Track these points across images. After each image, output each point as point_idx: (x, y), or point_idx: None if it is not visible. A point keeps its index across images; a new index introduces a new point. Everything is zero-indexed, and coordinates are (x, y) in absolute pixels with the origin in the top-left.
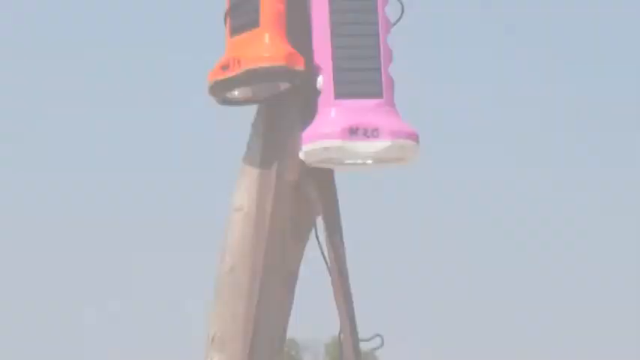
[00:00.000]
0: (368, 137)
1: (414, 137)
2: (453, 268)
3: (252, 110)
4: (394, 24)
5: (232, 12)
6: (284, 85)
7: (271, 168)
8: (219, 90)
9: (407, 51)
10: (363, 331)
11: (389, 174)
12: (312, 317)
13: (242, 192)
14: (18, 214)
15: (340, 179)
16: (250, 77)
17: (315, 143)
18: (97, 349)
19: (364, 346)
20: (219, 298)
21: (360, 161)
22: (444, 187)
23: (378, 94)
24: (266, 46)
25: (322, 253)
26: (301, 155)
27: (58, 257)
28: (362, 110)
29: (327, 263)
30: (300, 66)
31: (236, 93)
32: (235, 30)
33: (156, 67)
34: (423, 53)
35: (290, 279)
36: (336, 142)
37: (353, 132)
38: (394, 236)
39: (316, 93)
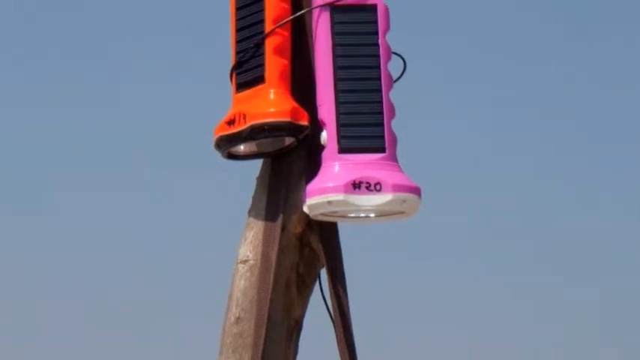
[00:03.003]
0: (371, 191)
1: (416, 191)
2: (460, 317)
3: (257, 164)
4: (396, 80)
5: (238, 68)
6: (289, 140)
7: (276, 221)
8: (225, 145)
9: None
10: None
11: (392, 226)
12: None
13: (247, 244)
14: None
15: (344, 231)
16: (255, 132)
17: (318, 197)
18: None
19: None
20: (225, 349)
21: (362, 214)
22: (451, 239)
23: (381, 149)
24: (271, 102)
25: (326, 304)
26: (305, 209)
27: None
28: (365, 165)
29: (330, 314)
30: (304, 121)
31: (241, 148)
32: (241, 86)
33: (158, 120)
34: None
35: (295, 329)
36: (340, 196)
37: (356, 186)
38: (398, 286)
39: (320, 147)
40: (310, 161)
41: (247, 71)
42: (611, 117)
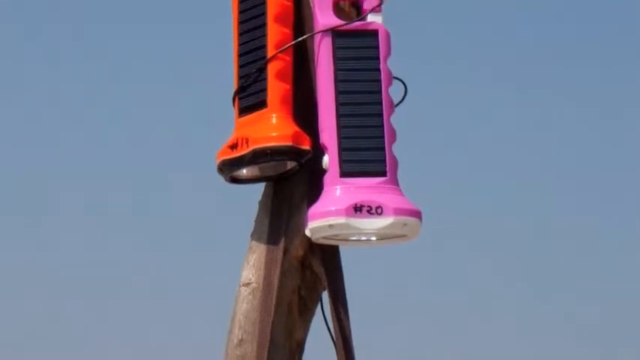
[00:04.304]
0: (372, 214)
1: (416, 215)
2: (462, 339)
3: (259, 188)
4: (397, 104)
5: (240, 93)
6: (291, 164)
7: (278, 244)
8: (228, 169)
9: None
10: None
11: (394, 249)
12: None
13: (250, 267)
14: None
15: (345, 254)
16: (258, 156)
17: (320, 220)
18: None
19: None
20: None
21: (364, 238)
22: (452, 261)
23: (382, 173)
24: (273, 126)
25: (327, 326)
26: (307, 232)
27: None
28: (366, 188)
29: (332, 336)
30: (306, 145)
31: (244, 172)
32: (243, 110)
33: (160, 148)
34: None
35: (297, 351)
36: (341, 220)
37: (357, 209)
38: (399, 308)
39: (322, 171)
40: (312, 185)
41: (250, 96)
42: (612, 139)
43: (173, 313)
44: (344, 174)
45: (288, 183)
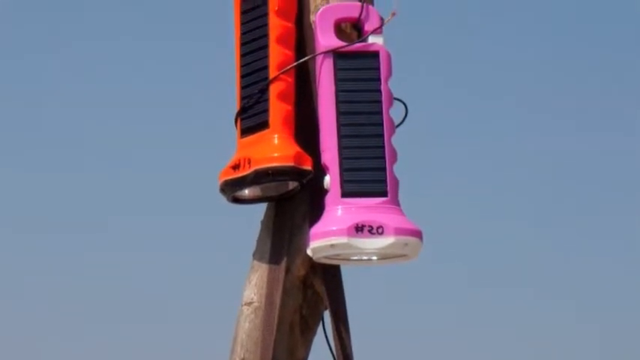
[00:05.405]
0: (373, 234)
1: (417, 234)
2: (463, 356)
3: (261, 208)
4: (398, 125)
5: (242, 114)
6: (292, 185)
7: (280, 264)
8: (230, 189)
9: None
10: None
11: (395, 269)
12: None
13: (252, 287)
14: None
15: (346, 273)
16: (260, 177)
17: (322, 240)
18: None
19: None
20: None
21: (365, 257)
22: (452, 281)
23: (383, 194)
24: (275, 147)
25: (329, 346)
26: (309, 252)
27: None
28: (367, 208)
29: (333, 355)
30: (307, 166)
31: (246, 192)
32: (245, 131)
33: (164, 163)
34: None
35: None
36: (343, 239)
37: (359, 229)
38: (401, 328)
39: (323, 192)
40: (313, 205)
41: (252, 117)
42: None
43: (174, 333)
44: (345, 194)
45: (289, 203)
